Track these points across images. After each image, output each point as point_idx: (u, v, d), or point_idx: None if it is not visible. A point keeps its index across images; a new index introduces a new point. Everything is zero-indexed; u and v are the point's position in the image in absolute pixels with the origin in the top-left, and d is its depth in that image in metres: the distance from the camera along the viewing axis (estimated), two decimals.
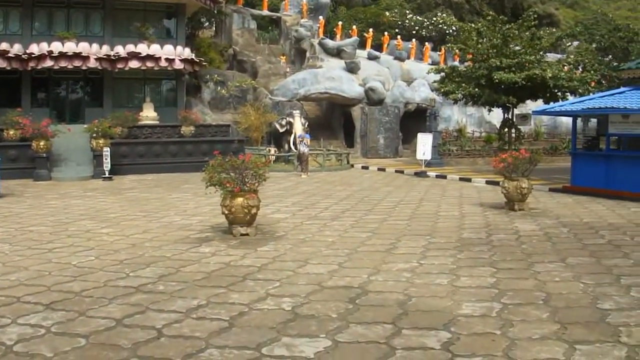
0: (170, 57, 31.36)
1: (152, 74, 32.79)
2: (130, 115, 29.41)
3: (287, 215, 15.76)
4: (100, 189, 21.77)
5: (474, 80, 31.97)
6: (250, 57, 43.00)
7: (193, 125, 30.53)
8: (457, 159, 32.17)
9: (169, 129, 30.74)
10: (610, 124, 19.40)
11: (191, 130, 30.34)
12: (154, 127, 30.49)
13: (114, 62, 30.85)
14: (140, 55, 30.80)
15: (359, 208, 16.97)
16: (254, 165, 13.06)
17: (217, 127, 32.15)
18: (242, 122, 34.72)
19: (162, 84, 34.39)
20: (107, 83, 32.50)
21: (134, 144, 28.81)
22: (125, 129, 28.70)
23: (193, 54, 32.85)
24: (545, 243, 12.18)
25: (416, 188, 22.17)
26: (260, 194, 19.49)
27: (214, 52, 40.99)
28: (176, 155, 29.45)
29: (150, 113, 31.58)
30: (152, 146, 29.18)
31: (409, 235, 12.89)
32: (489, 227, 13.95)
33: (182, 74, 33.60)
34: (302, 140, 27.99)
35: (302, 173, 27.22)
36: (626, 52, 38.34)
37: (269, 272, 9.88)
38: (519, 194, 16.09)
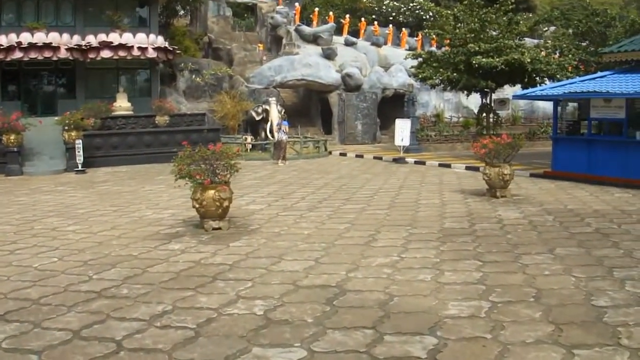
0: (143, 45, 30.35)
1: (125, 63, 31.82)
2: (103, 105, 28.43)
3: (262, 207, 15.02)
4: (72, 183, 20.87)
5: (452, 66, 31.32)
6: (225, 45, 42.05)
7: (167, 114, 29.57)
8: (436, 145, 31.50)
9: (143, 119, 29.74)
10: (592, 109, 18.80)
11: (166, 120, 29.41)
12: (128, 118, 29.49)
13: (86, 52, 29.82)
14: (112, 45, 29.79)
15: (336, 197, 16.26)
16: (225, 156, 12.27)
17: (192, 116, 31.22)
18: (218, 110, 33.83)
19: (136, 73, 33.45)
20: (79, 74, 31.51)
21: (107, 135, 27.82)
22: (98, 120, 27.66)
23: (167, 42, 31.86)
24: (531, 232, 11.53)
25: (395, 175, 21.48)
26: (235, 184, 18.86)
27: (189, 40, 40.03)
28: (151, 146, 28.52)
29: (123, 103, 30.61)
30: (126, 137, 28.21)
31: (389, 226, 12.19)
32: (472, 215, 13.29)
33: (156, 63, 32.61)
34: (280, 128, 27.22)
35: (280, 161, 26.48)
36: (603, 36, 37.74)
37: (240, 270, 9.16)
38: (501, 180, 15.44)
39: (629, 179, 17.62)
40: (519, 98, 20.95)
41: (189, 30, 43.33)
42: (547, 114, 46.94)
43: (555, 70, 30.01)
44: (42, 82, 32.10)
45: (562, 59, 30.99)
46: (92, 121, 27.20)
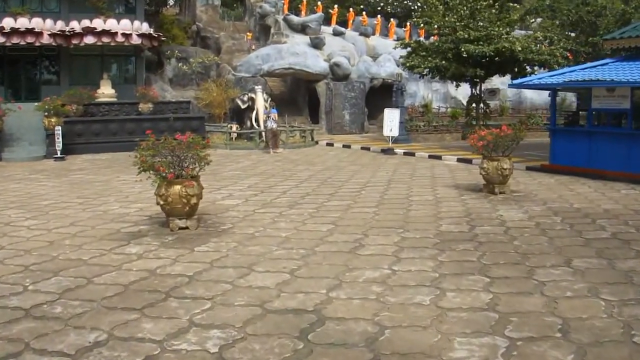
0: (127, 32, 28.34)
1: (110, 50, 29.83)
2: (86, 92, 26.52)
3: (239, 202, 13.10)
4: (48, 171, 18.94)
5: (440, 54, 29.46)
6: (214, 34, 40.03)
7: (151, 102, 27.60)
8: (425, 135, 29.58)
9: (127, 107, 27.83)
10: (594, 98, 16.94)
11: (149, 107, 27.44)
12: (112, 105, 27.63)
13: (69, 38, 27.87)
14: (95, 31, 27.80)
15: (320, 192, 14.34)
16: (194, 147, 10.36)
17: (177, 103, 29.23)
18: (204, 98, 31.93)
19: (121, 60, 31.39)
20: (64, 60, 29.59)
21: (89, 122, 25.87)
22: (80, 107, 25.86)
23: (152, 29, 29.79)
24: (540, 238, 9.67)
25: (384, 167, 19.58)
26: (214, 175, 17.00)
27: (177, 29, 38.02)
28: (133, 134, 26.42)
29: (107, 90, 28.61)
30: (108, 124, 26.24)
31: (378, 228, 10.30)
32: (470, 215, 11.41)
33: (142, 50, 30.63)
34: (269, 116, 25.33)
35: (271, 150, 24.68)
36: (594, 26, 36.02)
37: (200, 284, 7.30)
38: (500, 175, 13.58)
39: (632, 174, 15.83)
40: (515, 87, 19.11)
41: (178, 19, 41.38)
42: (534, 105, 45.35)
43: (546, 60, 28.26)
44: (26, 68, 30.08)
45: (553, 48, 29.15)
46: (75, 107, 25.49)
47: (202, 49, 37.38)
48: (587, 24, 36.33)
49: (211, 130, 28.50)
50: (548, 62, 28.24)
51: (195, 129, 27.29)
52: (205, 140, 10.85)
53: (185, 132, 24.80)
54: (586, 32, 36.32)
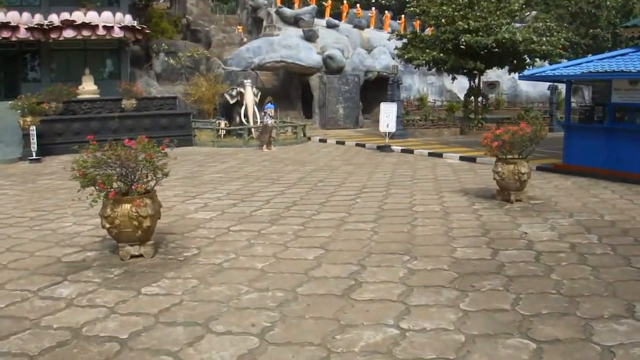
0: (109, 24, 25.91)
1: (93, 44, 27.43)
2: (65, 89, 23.95)
3: (213, 215, 10.70)
4: (17, 175, 16.49)
5: (438, 46, 27.09)
6: (204, 27, 37.53)
7: (135, 98, 25.12)
8: (422, 130, 27.10)
9: (110, 103, 25.24)
10: (614, 92, 14.55)
11: (133, 104, 24.90)
12: (94, 102, 25.04)
13: (48, 32, 25.49)
14: (75, 24, 25.40)
15: (309, 200, 11.92)
16: (147, 156, 7.98)
17: (163, 99, 26.64)
18: (193, 93, 29.52)
19: (105, 55, 28.85)
20: (44, 55, 27.26)
21: (69, 120, 23.31)
22: (60, 105, 23.39)
23: (135, 22, 27.29)
24: (582, 269, 7.32)
25: (381, 167, 17.17)
26: (194, 179, 14.59)
27: (166, 22, 35.61)
28: (116, 132, 23.86)
29: (89, 86, 26.24)
30: (89, 122, 23.64)
31: (378, 255, 7.90)
32: (489, 234, 9.02)
33: (126, 44, 28.20)
34: (265, 112, 22.98)
35: (265, 147, 22.44)
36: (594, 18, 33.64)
37: (134, 355, 4.93)
38: (517, 180, 11.20)
39: None
40: (526, 79, 16.72)
41: (168, 13, 38.94)
42: (530, 98, 43.08)
43: (548, 51, 25.97)
44: (4, 64, 27.60)
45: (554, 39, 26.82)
46: (54, 105, 23.04)
47: (192, 43, 34.98)
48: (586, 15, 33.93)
49: (199, 127, 26.11)
50: (550, 54, 25.98)
51: (182, 126, 24.99)
52: (160, 147, 8.34)
53: (171, 129, 22.62)
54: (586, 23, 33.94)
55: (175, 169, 17.19)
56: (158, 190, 8.54)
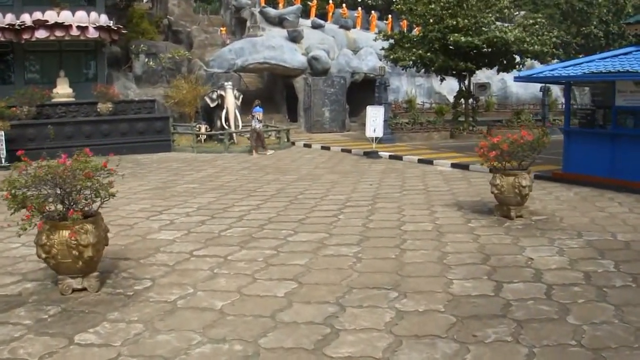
0: (83, 25, 24.48)
1: (68, 45, 25.87)
2: (38, 92, 22.60)
3: (178, 235, 9.41)
4: None
5: (426, 45, 25.89)
6: (186, 28, 36.13)
7: (111, 101, 23.76)
8: (410, 134, 25.86)
9: (86, 107, 23.91)
10: (618, 94, 13.35)
11: (108, 108, 23.55)
12: (69, 105, 23.73)
13: (20, 32, 23.96)
14: (47, 24, 23.94)
15: (287, 217, 10.63)
16: (85, 175, 6.73)
17: (141, 103, 25.32)
18: (173, 96, 28.16)
19: (81, 56, 27.35)
20: (18, 57, 25.65)
21: (42, 125, 21.99)
22: (32, 108, 22.09)
23: (112, 21, 25.86)
24: (604, 308, 6.09)
25: (367, 176, 15.90)
26: (166, 189, 13.37)
27: (147, 22, 34.19)
28: (91, 137, 22.63)
29: (64, 89, 24.70)
30: (63, 127, 22.28)
31: (360, 290, 6.63)
32: (489, 260, 7.77)
33: (103, 45, 26.73)
34: (254, 116, 21.76)
35: (257, 152, 21.34)
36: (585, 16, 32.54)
37: None
38: (517, 194, 9.97)
39: None
40: (521, 80, 15.47)
41: (149, 13, 37.54)
42: (520, 100, 42.00)
43: (540, 51, 24.85)
44: None
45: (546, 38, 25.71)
46: (26, 109, 21.79)
47: (173, 44, 33.56)
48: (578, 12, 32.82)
49: (179, 132, 24.80)
50: (543, 53, 24.88)
51: (160, 130, 23.67)
52: (102, 163, 7.08)
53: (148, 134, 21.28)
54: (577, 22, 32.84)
55: (148, 178, 15.96)
56: (123, 203, 7.31)
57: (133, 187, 14.36)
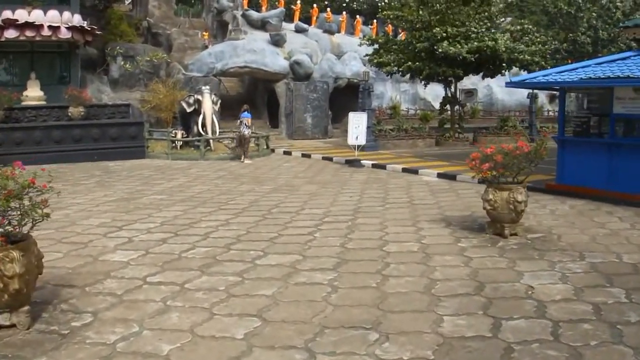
0: (55, 24, 23.31)
1: (40, 46, 24.68)
2: (7, 95, 21.40)
3: (134, 256, 8.31)
4: None
5: (413, 53, 24.96)
6: (165, 30, 35.00)
7: (83, 105, 22.60)
8: (395, 141, 24.88)
9: (57, 111, 22.71)
10: (616, 101, 12.43)
11: (80, 112, 22.40)
12: (40, 109, 22.54)
13: None
14: (17, 23, 22.75)
15: (257, 235, 9.53)
16: (6, 194, 5.65)
17: (115, 107, 24.13)
18: (150, 100, 27.05)
19: (54, 58, 26.13)
20: None
21: (9, 129, 20.85)
22: (0, 112, 20.94)
23: (86, 22, 24.68)
24: (621, 352, 5.11)
25: (348, 186, 14.86)
26: (130, 201, 12.27)
27: (125, 24, 32.96)
28: (61, 142, 21.52)
29: (34, 92, 23.51)
30: (32, 132, 21.13)
31: (335, 331, 5.55)
32: (484, 289, 6.74)
33: (77, 47, 25.54)
34: (241, 121, 20.70)
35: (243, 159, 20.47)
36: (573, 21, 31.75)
37: None
38: (512, 210, 8.97)
39: None
40: (513, 86, 14.56)
41: (128, 15, 36.37)
42: (506, 106, 41.28)
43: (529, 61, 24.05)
44: None
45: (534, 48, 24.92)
46: None
47: (152, 47, 32.36)
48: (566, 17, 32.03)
49: (155, 137, 23.71)
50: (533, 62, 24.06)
51: (134, 136, 22.53)
52: (29, 179, 5.99)
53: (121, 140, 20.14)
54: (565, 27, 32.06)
55: (115, 187, 14.83)
56: (83, 217, 6.24)
57: (97, 197, 13.28)
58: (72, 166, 19.63)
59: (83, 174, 17.78)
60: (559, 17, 32.24)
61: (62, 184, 15.45)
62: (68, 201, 12.69)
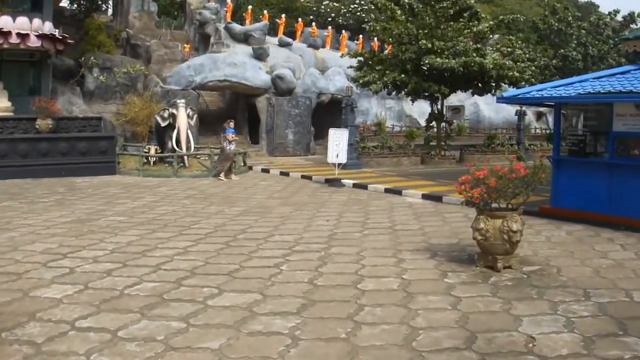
0: (24, 32, 22.10)
1: (9, 54, 23.44)
2: None
3: (70, 292, 7.07)
4: None
5: (398, 66, 23.96)
6: (145, 42, 33.83)
7: (51, 117, 21.34)
8: (378, 159, 23.77)
9: (25, 123, 21.44)
10: (616, 118, 11.37)
11: (48, 125, 21.14)
12: (6, 120, 21.26)
13: None
14: None
15: (216, 266, 8.27)
16: None
17: (86, 120, 22.84)
18: (125, 113, 25.89)
19: (23, 67, 24.88)
20: None
21: None
22: None
23: (57, 30, 23.46)
24: None
25: (326, 208, 13.63)
26: (85, 223, 11.17)
27: (104, 35, 31.83)
28: (27, 157, 20.24)
29: (2, 102, 22.31)
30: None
31: None
32: (476, 342, 5.55)
33: (49, 56, 24.33)
34: (225, 137, 19.73)
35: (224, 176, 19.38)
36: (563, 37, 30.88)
37: None
38: (506, 241, 7.82)
39: None
40: (505, 101, 13.47)
41: (108, 25, 35.29)
42: (493, 124, 40.42)
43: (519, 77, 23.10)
44: None
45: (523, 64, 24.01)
46: None
47: (130, 59, 31.25)
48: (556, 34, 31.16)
49: (126, 153, 22.50)
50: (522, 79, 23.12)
51: (104, 151, 21.24)
52: None
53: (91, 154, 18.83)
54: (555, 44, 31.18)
55: (74, 207, 13.54)
56: (28, 241, 5.27)
57: (51, 218, 12.04)
58: (37, 182, 18.42)
59: (46, 190, 16.52)
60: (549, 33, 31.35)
61: (19, 202, 14.33)
62: (19, 222, 11.50)
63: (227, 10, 36.31)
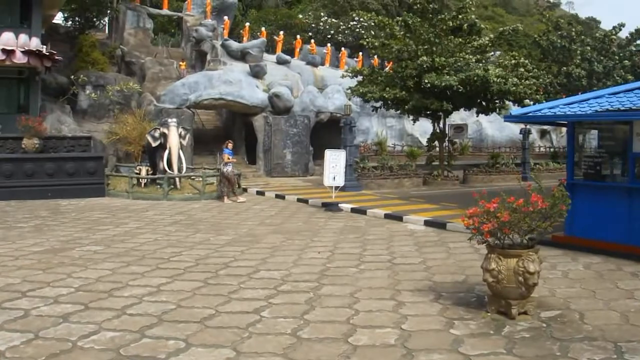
0: (9, 48, 21.21)
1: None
2: None
3: (16, 343, 6.03)
4: None
5: (398, 83, 22.98)
6: (139, 59, 32.96)
7: (37, 137, 20.38)
8: (379, 181, 22.68)
9: (11, 142, 20.63)
10: (636, 137, 10.31)
11: (35, 144, 20.22)
12: None
13: None
14: None
15: (188, 312, 7.12)
16: None
17: (75, 139, 21.90)
18: (117, 132, 24.97)
19: (10, 84, 23.97)
20: None
21: None
22: None
23: (45, 47, 22.53)
24: None
25: (319, 238, 12.49)
26: (59, 253, 10.10)
27: (97, 52, 31.07)
28: (12, 177, 19.32)
29: None
30: None
31: None
32: None
33: (37, 73, 23.43)
34: (223, 160, 19.13)
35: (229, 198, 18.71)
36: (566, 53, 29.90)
37: None
38: (522, 284, 6.72)
39: None
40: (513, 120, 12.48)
41: (103, 42, 34.51)
42: (496, 142, 39.53)
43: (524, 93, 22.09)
44: None
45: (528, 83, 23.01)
46: None
47: (124, 76, 30.46)
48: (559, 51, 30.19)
49: (116, 174, 21.53)
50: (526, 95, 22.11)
51: (92, 172, 20.27)
52: None
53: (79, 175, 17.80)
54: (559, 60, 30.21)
55: (51, 234, 12.46)
56: None
57: (23, 247, 11.06)
58: (21, 204, 17.49)
59: (27, 214, 15.52)
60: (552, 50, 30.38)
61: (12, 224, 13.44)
62: None
63: (225, 28, 35.54)
